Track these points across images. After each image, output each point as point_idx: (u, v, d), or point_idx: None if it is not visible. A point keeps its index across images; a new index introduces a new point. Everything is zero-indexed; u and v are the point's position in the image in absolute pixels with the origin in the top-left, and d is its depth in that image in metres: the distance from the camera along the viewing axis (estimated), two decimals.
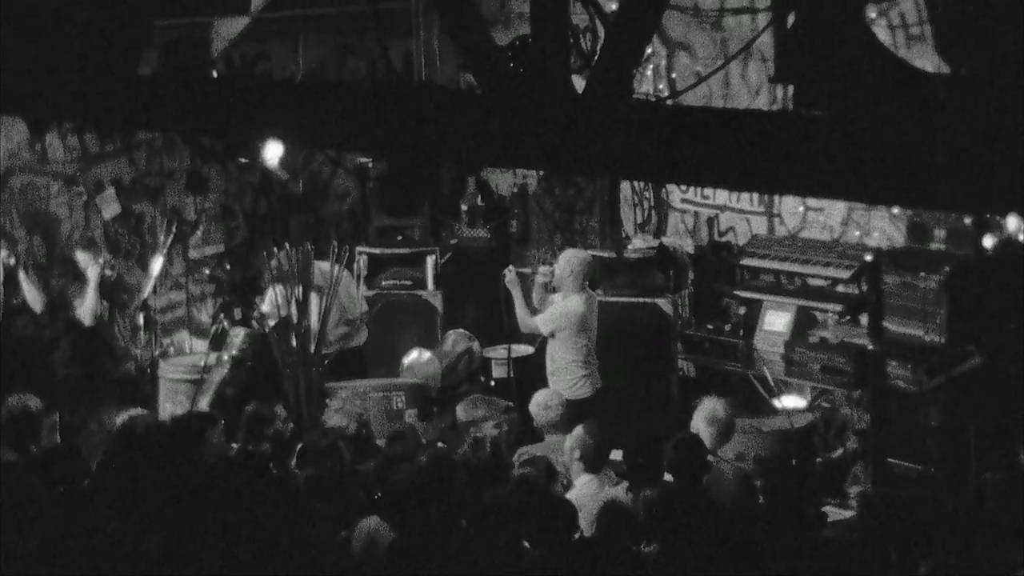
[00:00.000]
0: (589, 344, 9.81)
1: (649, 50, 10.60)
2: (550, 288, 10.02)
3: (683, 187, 11.35)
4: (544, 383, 9.96)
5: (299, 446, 8.07)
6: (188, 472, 7.44)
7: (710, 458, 7.79)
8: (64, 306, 10.62)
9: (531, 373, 10.62)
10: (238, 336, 10.28)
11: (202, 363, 10.37)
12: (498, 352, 10.82)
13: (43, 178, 10.89)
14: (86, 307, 10.37)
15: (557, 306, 9.82)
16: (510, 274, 10.01)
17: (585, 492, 7.68)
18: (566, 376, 9.78)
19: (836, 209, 10.31)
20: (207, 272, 11.80)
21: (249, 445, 8.17)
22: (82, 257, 10.53)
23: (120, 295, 10.68)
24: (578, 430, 8.02)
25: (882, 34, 9.24)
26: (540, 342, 10.77)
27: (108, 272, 10.53)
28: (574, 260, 9.87)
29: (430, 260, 11.39)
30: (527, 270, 10.52)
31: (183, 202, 11.64)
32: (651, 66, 11.15)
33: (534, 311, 9.98)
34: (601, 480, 7.85)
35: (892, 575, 6.49)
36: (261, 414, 8.36)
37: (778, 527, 6.84)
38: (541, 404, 8.82)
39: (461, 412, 8.84)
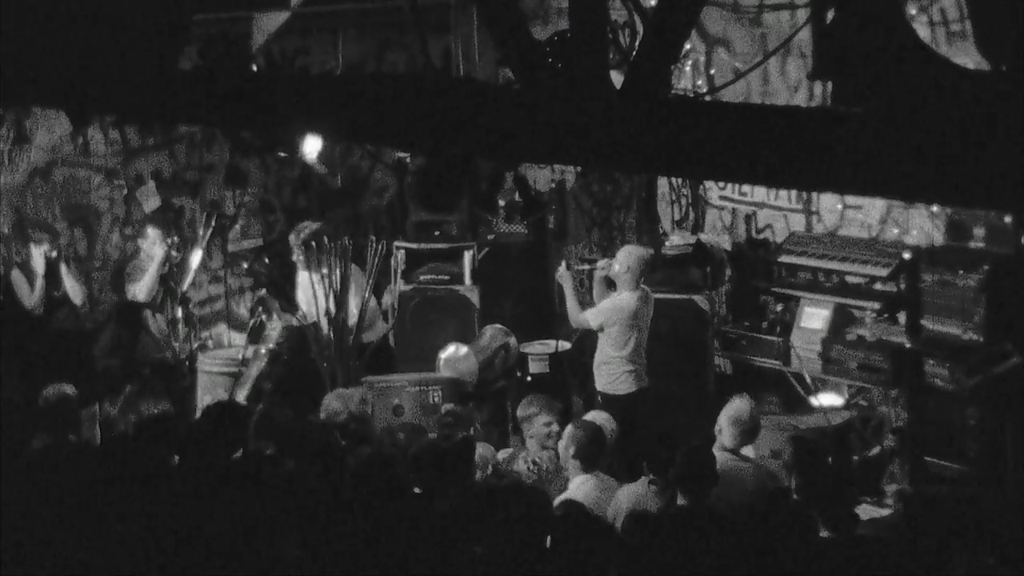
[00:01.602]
0: (638, 341, 9.73)
1: (688, 46, 10.57)
2: (608, 283, 10.01)
3: (721, 184, 11.32)
4: (581, 378, 9.95)
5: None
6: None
7: (732, 458, 7.77)
8: (118, 285, 10.70)
9: (567, 368, 10.65)
10: (275, 330, 10.32)
11: (240, 356, 10.42)
12: (535, 347, 10.83)
13: (84, 171, 10.97)
14: (144, 282, 10.47)
15: (608, 301, 9.78)
16: (562, 268, 9.98)
17: (581, 492, 7.61)
18: (608, 369, 9.75)
19: (875, 207, 10.26)
20: (245, 266, 11.85)
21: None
22: (152, 233, 10.63)
23: (173, 281, 10.75)
24: (570, 428, 7.93)
25: (922, 31, 9.19)
26: (577, 338, 10.78)
27: (175, 253, 10.63)
28: (632, 256, 9.82)
29: (467, 255, 11.38)
30: (585, 266, 10.46)
31: (222, 196, 11.71)
32: (689, 62, 11.12)
33: (591, 305, 9.95)
34: (599, 479, 7.80)
35: (929, 574, 6.46)
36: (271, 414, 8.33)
37: (806, 526, 6.80)
38: (562, 446, 8.18)
39: (520, 410, 8.78)
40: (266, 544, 6.48)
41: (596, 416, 8.61)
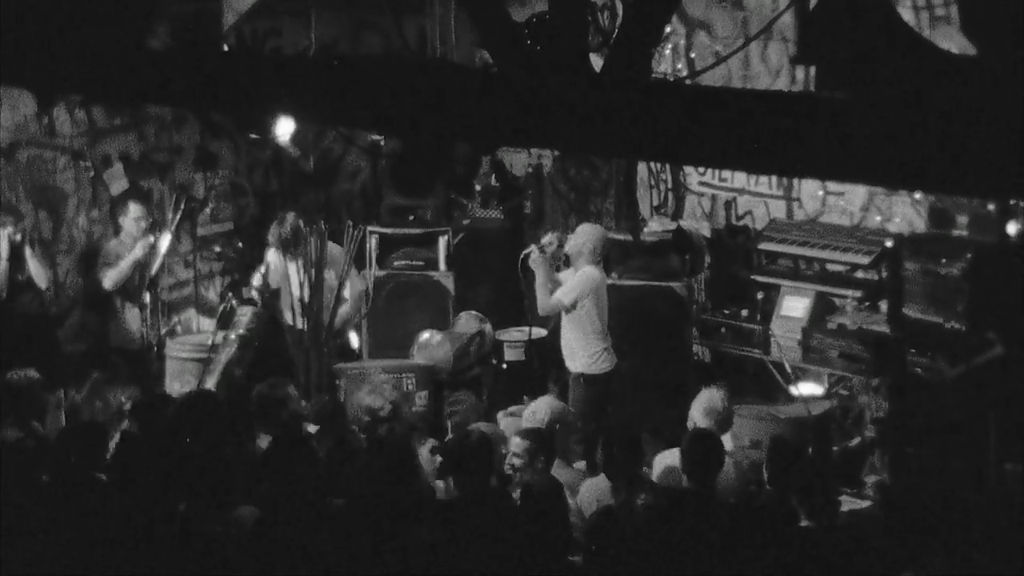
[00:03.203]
0: (604, 317, 9.67)
1: (668, 29, 10.51)
2: (555, 263, 9.86)
3: (700, 169, 11.25)
4: (557, 365, 9.88)
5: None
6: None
7: None
8: (85, 269, 10.56)
9: (545, 356, 10.56)
10: (245, 315, 10.22)
11: (209, 342, 10.30)
12: (510, 334, 10.75)
13: (50, 152, 10.79)
14: (131, 258, 10.34)
15: (577, 276, 9.67)
16: (535, 253, 9.78)
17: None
18: (588, 350, 9.62)
19: (856, 194, 10.24)
20: (216, 250, 11.72)
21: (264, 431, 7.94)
22: (134, 208, 10.51)
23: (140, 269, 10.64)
24: (522, 441, 7.58)
25: (907, 15, 9.15)
26: (553, 325, 10.68)
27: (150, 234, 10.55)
28: (590, 234, 9.74)
29: (442, 240, 11.30)
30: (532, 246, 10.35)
31: (192, 178, 11.57)
32: (670, 45, 11.05)
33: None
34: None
35: (908, 565, 6.43)
36: (273, 397, 8.17)
37: (783, 517, 6.74)
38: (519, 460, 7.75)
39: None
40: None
41: (547, 404, 8.47)
